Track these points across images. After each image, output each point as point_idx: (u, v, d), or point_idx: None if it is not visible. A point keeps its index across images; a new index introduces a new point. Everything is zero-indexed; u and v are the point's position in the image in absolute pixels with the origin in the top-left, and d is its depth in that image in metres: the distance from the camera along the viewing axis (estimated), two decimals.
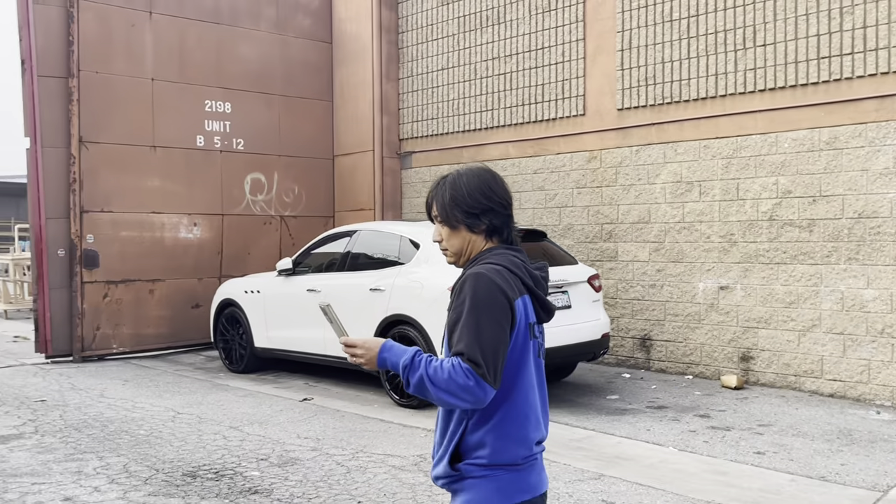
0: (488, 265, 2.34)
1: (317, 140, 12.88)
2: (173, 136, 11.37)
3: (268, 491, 5.29)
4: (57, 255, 10.51)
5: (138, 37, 11.07)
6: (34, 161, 10.38)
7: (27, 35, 10.27)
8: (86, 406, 7.83)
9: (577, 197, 10.40)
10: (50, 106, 10.41)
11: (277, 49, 12.42)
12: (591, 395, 8.36)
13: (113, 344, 10.88)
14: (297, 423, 7.21)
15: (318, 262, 9.28)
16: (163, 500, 5.10)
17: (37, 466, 5.78)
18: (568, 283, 8.03)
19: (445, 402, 2.23)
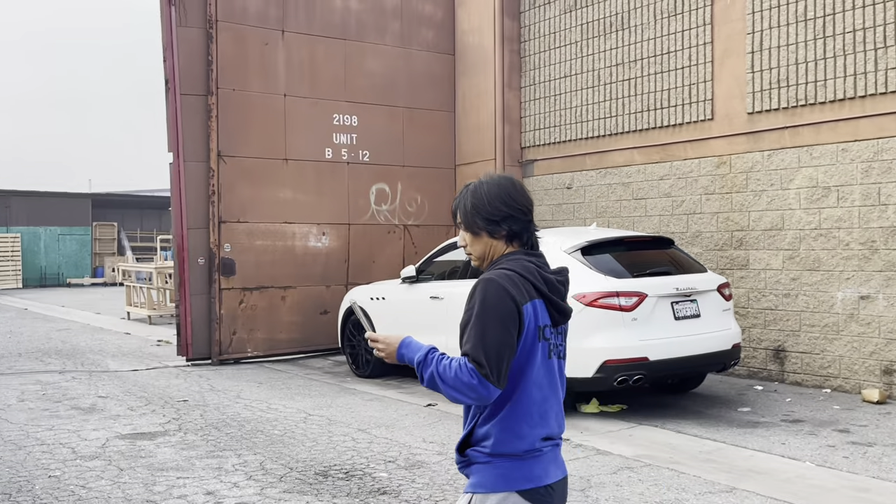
0: (501, 270, 2.50)
1: (439, 150, 13.08)
2: (304, 150, 11.81)
3: (396, 492, 5.41)
4: (197, 264, 11.08)
5: (271, 55, 11.56)
6: (177, 175, 10.99)
7: (171, 56, 10.90)
8: (224, 406, 8.22)
9: (706, 203, 10.15)
10: (191, 122, 11.01)
11: (402, 62, 12.70)
12: (720, 407, 8.13)
13: (248, 348, 11.36)
14: (423, 427, 7.34)
15: (441, 270, 9.42)
16: (297, 497, 5.30)
17: (181, 462, 6.11)
18: (696, 292, 7.85)
19: (453, 398, 2.41)
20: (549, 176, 12.31)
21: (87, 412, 7.91)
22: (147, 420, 7.57)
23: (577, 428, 7.26)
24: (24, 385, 9.37)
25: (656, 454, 6.36)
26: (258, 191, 11.44)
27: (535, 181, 12.54)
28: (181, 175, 10.97)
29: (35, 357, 11.82)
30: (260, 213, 11.46)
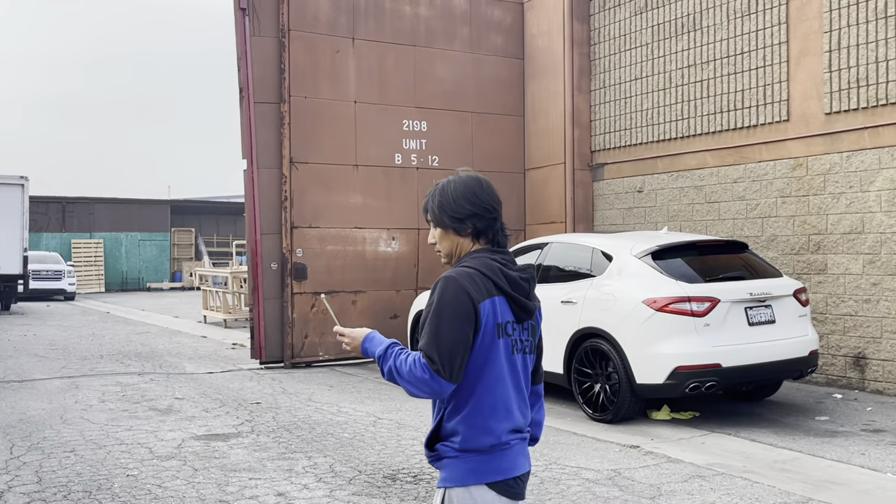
0: (462, 269, 2.57)
1: (508, 155, 13.06)
2: (374, 155, 11.94)
3: None
4: (270, 268, 11.30)
5: (342, 62, 11.73)
6: (251, 181, 11.24)
7: (245, 65, 11.15)
8: (295, 409, 8.35)
9: (781, 206, 9.89)
10: (264, 130, 11.24)
11: (471, 67, 12.74)
12: (797, 416, 7.91)
13: (319, 351, 11.53)
14: None
15: None
16: (365, 499, 5.35)
17: (253, 463, 6.24)
18: (771, 297, 7.66)
19: (410, 392, 2.50)
20: (619, 179, 12.18)
21: (164, 413, 8.13)
22: (221, 422, 7.75)
23: (648, 435, 7.15)
24: (106, 386, 9.70)
25: (729, 463, 6.23)
26: (329, 196, 11.61)
27: (605, 185, 12.42)
28: (255, 181, 11.21)
29: (116, 359, 12.22)
30: (331, 218, 11.63)
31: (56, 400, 8.76)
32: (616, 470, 6.05)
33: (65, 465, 6.11)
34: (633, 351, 7.46)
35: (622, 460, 6.34)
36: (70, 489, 5.52)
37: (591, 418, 7.84)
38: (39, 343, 14.36)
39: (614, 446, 6.80)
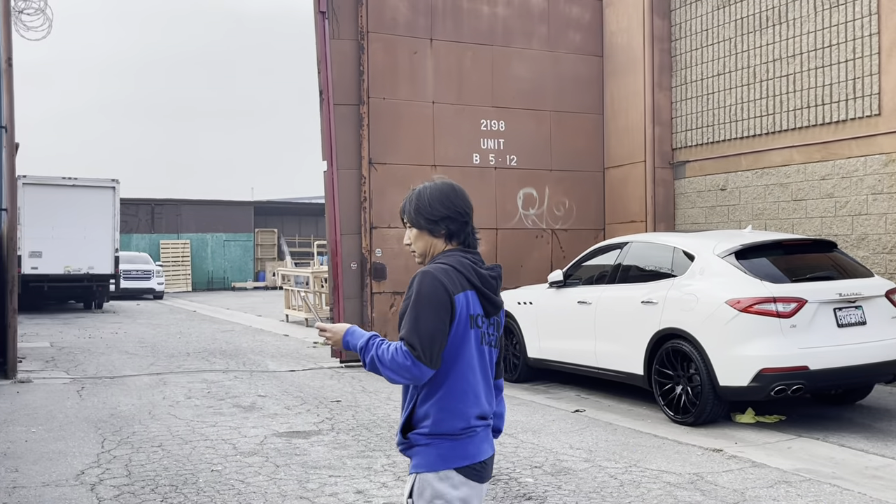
0: (437, 265, 2.78)
1: (587, 153, 12.93)
2: (452, 156, 11.98)
3: (542, 498, 5.38)
4: (350, 268, 11.45)
5: (420, 63, 11.81)
6: (331, 182, 11.41)
7: (325, 68, 11.33)
8: (375, 407, 8.44)
9: (873, 204, 9.52)
10: (344, 131, 11.40)
11: (549, 66, 12.65)
12: (890, 421, 7.60)
13: None
14: (570, 433, 7.26)
15: (589, 275, 9.30)
16: None
17: (333, 461, 6.33)
18: (862, 298, 7.38)
19: (391, 379, 2.68)
20: (701, 178, 11.92)
21: (248, 410, 8.32)
22: (302, 419, 7.88)
23: (731, 438, 6.98)
24: (192, 383, 9.98)
25: (817, 468, 6.02)
26: None
27: (686, 183, 12.17)
28: (335, 182, 11.37)
29: (202, 357, 12.56)
30: None
31: (145, 396, 9.06)
32: (698, 474, 5.92)
33: (152, 460, 6.31)
34: (716, 352, 7.29)
35: (705, 464, 6.20)
36: (157, 483, 5.70)
37: (672, 420, 7.69)
38: (130, 341, 14.87)
39: (696, 449, 6.66)
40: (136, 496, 5.39)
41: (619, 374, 8.47)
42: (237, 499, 5.33)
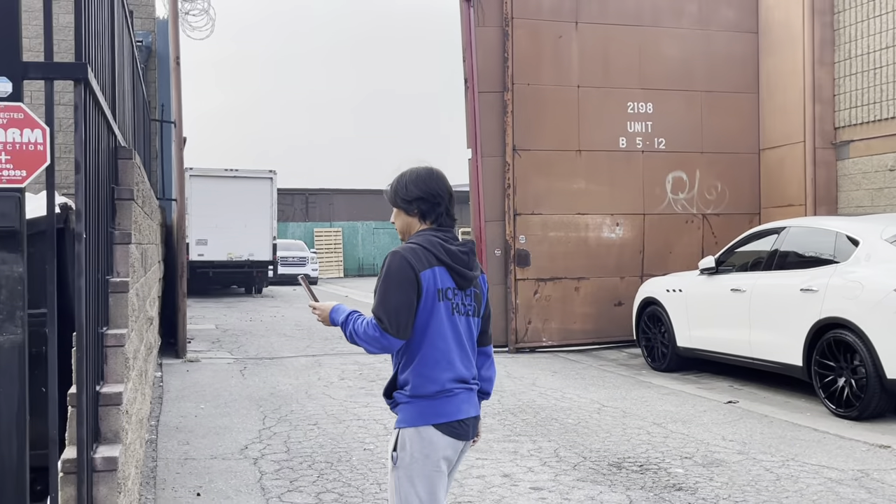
0: (408, 245, 3.05)
1: (740, 134, 12.41)
2: (597, 140, 11.81)
3: (692, 489, 5.25)
4: (494, 255, 11.53)
5: (565, 47, 11.69)
6: (475, 170, 11.50)
7: (470, 56, 11.42)
8: (520, 393, 8.48)
9: None
10: (488, 119, 11.46)
11: (700, 44, 12.23)
12: None
13: (542, 337, 11.61)
14: (721, 424, 7.04)
15: (743, 261, 8.96)
16: (590, 486, 5.34)
17: (480, 444, 6.39)
18: None
19: (367, 349, 2.99)
20: (867, 158, 11.20)
21: None
22: None
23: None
24: (345, 365, 10.35)
25: None
26: (551, 183, 11.63)
27: (850, 164, 11.47)
28: (479, 170, 11.46)
29: None
30: (553, 204, 11.65)
31: (301, 376, 9.47)
32: (863, 471, 5.61)
33: (309, 437, 6.60)
34: (884, 343, 6.86)
35: (870, 460, 5.86)
36: (314, 459, 5.96)
37: (834, 414, 7.31)
38: (287, 324, 15.57)
39: (861, 445, 6.30)
40: (294, 471, 5.66)
41: (776, 364, 8.13)
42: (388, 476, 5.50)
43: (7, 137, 2.85)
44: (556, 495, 5.14)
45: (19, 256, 2.87)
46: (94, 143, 3.52)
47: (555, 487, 5.31)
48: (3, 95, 2.88)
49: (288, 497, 5.11)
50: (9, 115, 2.86)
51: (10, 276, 2.86)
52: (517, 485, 5.35)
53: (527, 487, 5.31)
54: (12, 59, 2.88)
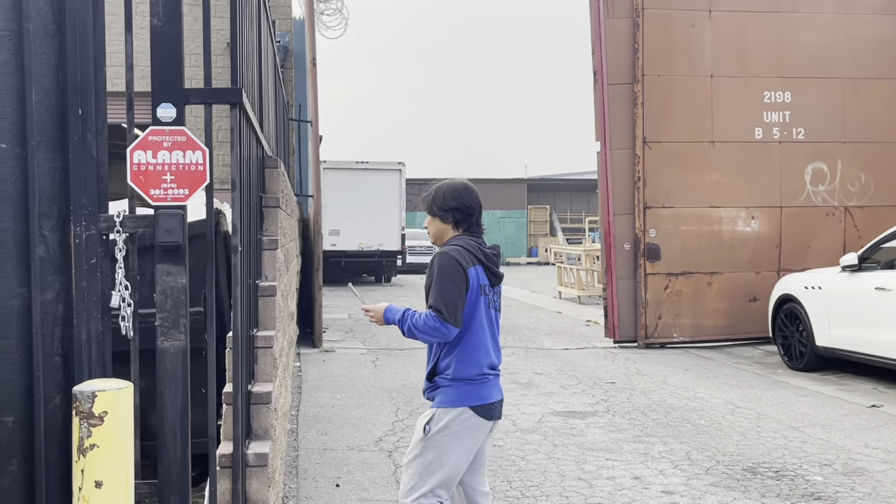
0: (451, 246, 3.49)
1: (886, 122, 11.76)
2: (731, 131, 11.48)
3: (832, 499, 5.10)
4: (623, 249, 11.41)
5: (698, 36, 11.40)
6: (604, 163, 11.40)
7: (599, 48, 11.31)
8: (650, 391, 8.40)
9: None
10: (617, 111, 11.32)
11: (842, 29, 11.66)
12: None
13: (673, 333, 11.42)
14: (864, 430, 6.77)
15: (890, 258, 8.54)
16: (723, 491, 5.27)
17: (609, 444, 6.42)
18: None
19: (426, 340, 3.41)
20: None
21: (525, 387, 8.63)
22: (578, 399, 8.04)
23: None
24: None
25: None
26: (683, 175, 11.39)
27: None
28: (608, 163, 11.35)
29: None
30: (685, 197, 11.41)
31: None
32: None
33: None
34: None
35: None
36: None
37: None
38: None
39: None
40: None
41: None
42: (518, 475, 5.60)
43: (172, 159, 3.10)
44: (688, 500, 5.10)
45: (183, 269, 3.12)
46: (246, 159, 3.76)
47: (686, 492, 5.26)
48: (168, 120, 3.13)
49: None
50: (173, 139, 3.11)
51: (174, 286, 3.11)
52: (648, 488, 5.34)
53: (658, 491, 5.29)
54: (176, 87, 3.12)
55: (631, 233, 11.39)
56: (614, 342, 11.55)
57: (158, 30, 3.10)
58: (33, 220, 3.02)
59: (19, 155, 3.02)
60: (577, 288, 18.87)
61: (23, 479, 3.04)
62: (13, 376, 3.03)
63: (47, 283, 3.06)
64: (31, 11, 3.02)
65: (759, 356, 10.67)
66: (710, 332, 11.51)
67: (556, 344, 11.83)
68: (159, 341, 3.08)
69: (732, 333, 11.55)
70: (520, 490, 5.29)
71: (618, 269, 11.41)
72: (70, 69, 3.05)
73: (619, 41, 11.30)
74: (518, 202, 39.10)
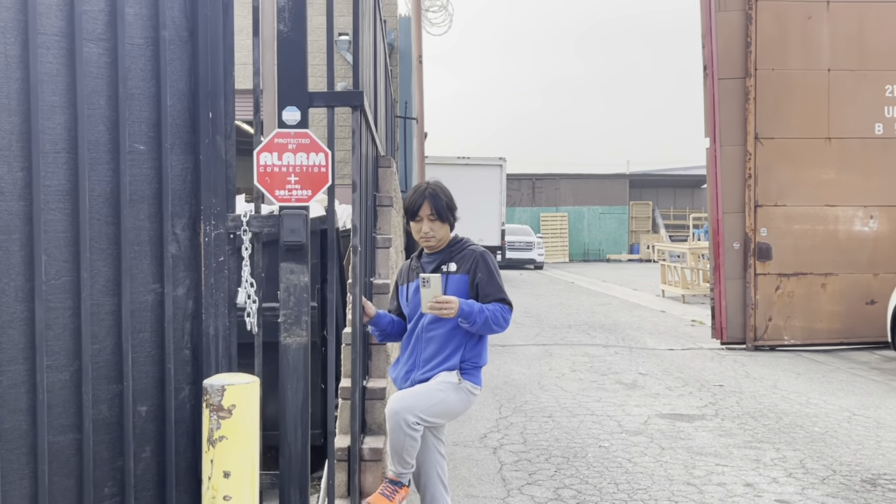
0: (478, 246, 3.93)
1: None
2: (849, 127, 11.01)
3: None
4: (732, 248, 11.10)
5: (814, 29, 10.97)
6: (713, 159, 11.12)
7: (709, 42, 11.03)
8: (760, 395, 8.16)
9: None
10: (727, 106, 11.02)
11: None
12: None
13: (784, 335, 11.05)
14: None
15: None
16: (841, 503, 5.08)
17: (718, 448, 6.27)
18: None
19: (493, 331, 3.70)
20: None
21: (630, 388, 8.52)
22: (684, 402, 7.88)
23: None
24: (575, 356, 10.43)
25: None
26: (797, 172, 11.00)
27: None
28: (717, 159, 11.07)
29: (582, 330, 13.04)
30: (798, 195, 11.02)
31: (533, 366, 9.68)
32: None
33: (544, 430, 6.77)
34: None
35: None
36: (550, 453, 6.11)
37: None
38: (517, 310, 15.84)
39: None
40: (531, 464, 5.84)
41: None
42: (625, 478, 5.54)
43: (296, 161, 3.20)
44: None
45: (305, 267, 3.21)
46: (364, 159, 3.84)
47: (802, 502, 5.10)
48: (293, 123, 3.23)
49: (528, 490, 5.29)
50: (298, 141, 3.20)
51: (297, 284, 3.21)
52: (761, 496, 5.20)
53: (771, 499, 5.14)
54: (300, 90, 3.21)
55: (741, 231, 11.07)
56: (721, 343, 11.26)
57: (284, 35, 3.20)
58: (167, 220, 3.17)
59: (155, 157, 3.17)
60: (681, 286, 18.47)
61: (155, 467, 3.20)
62: (147, 368, 3.19)
63: (178, 280, 3.21)
64: (166, 19, 3.16)
65: (876, 361, 10.21)
66: (823, 336, 11.09)
67: (661, 344, 11.62)
68: (282, 337, 3.18)
69: (847, 337, 11.10)
70: (627, 493, 5.23)
71: (726, 269, 11.11)
72: (202, 73, 3.18)
73: (731, 35, 10.99)
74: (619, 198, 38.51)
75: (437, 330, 3.77)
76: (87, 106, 3.07)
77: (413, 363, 3.85)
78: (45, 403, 3.01)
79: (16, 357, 3.00)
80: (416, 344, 3.85)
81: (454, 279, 3.75)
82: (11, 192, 2.98)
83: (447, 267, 3.81)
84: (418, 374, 3.81)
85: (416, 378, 3.81)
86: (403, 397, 3.66)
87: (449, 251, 3.87)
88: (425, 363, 3.81)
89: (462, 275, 3.77)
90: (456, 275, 3.77)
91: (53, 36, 3.04)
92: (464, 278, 3.76)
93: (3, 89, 2.97)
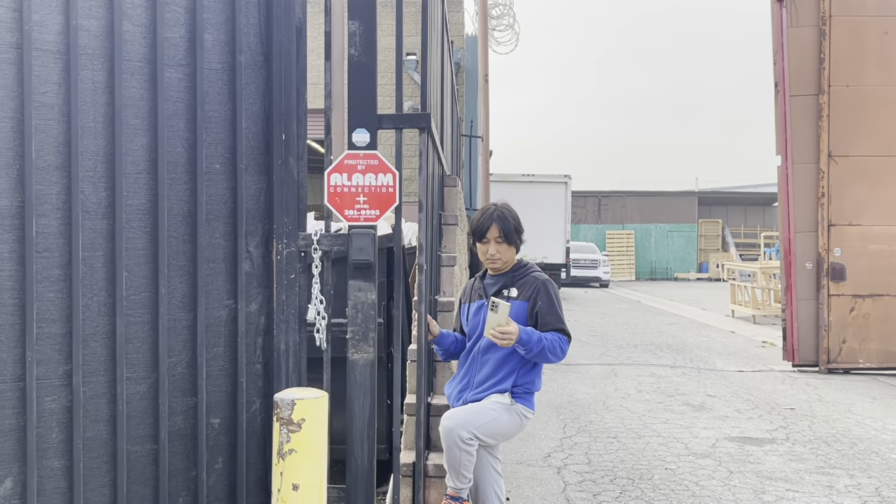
0: (541, 273, 3.92)
1: None
2: None
3: None
4: (804, 268, 10.85)
5: (892, 44, 10.70)
6: (784, 177, 10.90)
7: (780, 59, 10.84)
8: (833, 420, 7.94)
9: None
10: (799, 124, 10.80)
11: None
12: None
13: (858, 358, 10.73)
14: None
15: None
16: None
17: (789, 473, 6.13)
18: None
19: (549, 360, 3.76)
20: None
21: (697, 410, 8.38)
22: (754, 425, 7.72)
23: None
24: (641, 377, 10.31)
25: None
26: (872, 191, 10.71)
27: None
28: (789, 178, 10.85)
29: (648, 350, 12.88)
30: (875, 215, 10.72)
31: (598, 386, 9.60)
32: None
33: (609, 450, 6.71)
34: None
35: None
36: (615, 474, 6.05)
37: None
38: (581, 329, 15.77)
39: None
40: (596, 484, 5.80)
41: None
42: (692, 501, 5.45)
43: (365, 181, 3.28)
44: None
45: (373, 285, 3.28)
46: (430, 179, 3.91)
47: None
48: (362, 144, 3.31)
49: None
50: (367, 162, 3.28)
51: (365, 302, 3.28)
52: None
53: None
54: (370, 113, 3.30)
55: (813, 251, 10.81)
56: (793, 366, 10.99)
57: (355, 59, 3.29)
58: (241, 238, 3.27)
59: (230, 177, 3.29)
60: (751, 307, 18.08)
61: (226, 478, 3.29)
62: (220, 381, 3.29)
63: (251, 296, 3.31)
64: (243, 45, 3.28)
65: None
66: None
67: (730, 365, 11.40)
68: (350, 353, 3.25)
69: None
70: None
71: (798, 289, 10.86)
72: (275, 97, 3.29)
73: (803, 51, 10.79)
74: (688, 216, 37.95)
75: (493, 353, 3.82)
76: (167, 128, 3.21)
77: (467, 383, 3.91)
78: (124, 414, 3.13)
79: (98, 369, 3.13)
80: (471, 364, 3.91)
81: (514, 305, 3.77)
82: (96, 212, 3.13)
83: (508, 292, 3.86)
84: (471, 394, 3.86)
85: (468, 398, 3.86)
86: (456, 415, 3.71)
87: (512, 276, 3.90)
88: (479, 384, 3.86)
89: (522, 301, 3.81)
90: (517, 301, 3.81)
91: (137, 62, 3.19)
92: (524, 305, 3.80)
93: (90, 114, 3.12)
